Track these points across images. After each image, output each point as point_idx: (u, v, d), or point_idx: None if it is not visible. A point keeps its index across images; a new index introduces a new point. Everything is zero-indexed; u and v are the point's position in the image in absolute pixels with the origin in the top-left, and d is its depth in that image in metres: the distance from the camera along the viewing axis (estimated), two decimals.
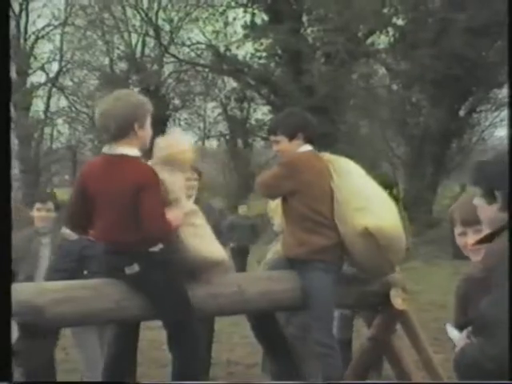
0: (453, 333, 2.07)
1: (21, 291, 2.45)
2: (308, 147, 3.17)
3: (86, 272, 3.76)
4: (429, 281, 6.82)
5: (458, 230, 2.32)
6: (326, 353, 2.95)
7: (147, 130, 2.84)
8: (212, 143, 23.12)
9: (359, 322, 5.05)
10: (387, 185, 4.95)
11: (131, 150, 2.78)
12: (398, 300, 3.05)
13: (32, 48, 20.94)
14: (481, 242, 2.09)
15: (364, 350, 3.26)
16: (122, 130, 2.76)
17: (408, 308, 3.04)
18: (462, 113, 16.97)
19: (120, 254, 2.72)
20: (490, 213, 1.98)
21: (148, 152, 2.90)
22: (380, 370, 4.88)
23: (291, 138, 3.15)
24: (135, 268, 2.68)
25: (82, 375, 3.94)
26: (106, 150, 2.85)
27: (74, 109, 22.14)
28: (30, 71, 21.17)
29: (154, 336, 4.64)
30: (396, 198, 5.05)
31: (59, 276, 3.43)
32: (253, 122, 20.02)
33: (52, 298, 2.56)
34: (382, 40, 17.11)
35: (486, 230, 2.04)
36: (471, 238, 2.29)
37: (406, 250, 4.60)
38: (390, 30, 16.55)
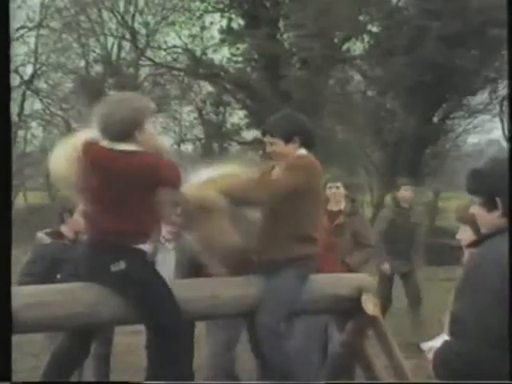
0: (427, 345, 2.11)
1: None
2: (304, 151, 3.18)
3: (58, 276, 3.74)
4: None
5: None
6: (266, 335, 2.95)
7: (146, 135, 2.83)
8: (188, 147, 23.07)
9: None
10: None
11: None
12: (369, 305, 3.08)
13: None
14: (470, 245, 2.14)
15: (336, 355, 3.29)
16: (123, 134, 2.75)
17: (379, 313, 3.07)
18: (435, 119, 17.18)
19: (105, 252, 2.69)
20: (490, 220, 2.00)
21: None
22: (352, 376, 4.92)
23: (287, 140, 3.15)
24: (121, 265, 2.65)
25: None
26: (104, 144, 2.79)
27: (48, 111, 21.92)
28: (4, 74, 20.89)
29: (129, 341, 4.61)
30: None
31: (31, 280, 3.41)
32: (229, 126, 20.02)
33: (24, 303, 2.55)
34: (357, 46, 17.26)
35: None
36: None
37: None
38: (366, 37, 16.70)
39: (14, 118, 21.69)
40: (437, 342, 2.07)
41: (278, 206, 3.04)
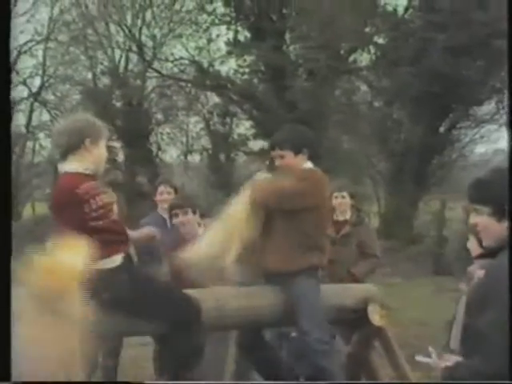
0: (426, 360, 2.09)
1: None
2: (310, 164, 3.22)
3: None
4: (408, 297, 6.83)
5: None
6: (326, 350, 2.95)
7: (101, 150, 2.84)
8: (195, 157, 23.12)
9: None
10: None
11: (79, 165, 2.77)
12: (375, 316, 3.07)
13: (14, 63, 20.89)
14: (483, 256, 2.08)
15: (342, 366, 3.26)
16: (72, 145, 2.76)
17: (386, 324, 3.05)
18: (442, 129, 17.16)
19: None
20: (499, 230, 1.97)
21: None
22: None
23: (297, 153, 3.18)
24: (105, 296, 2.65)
25: None
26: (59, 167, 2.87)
27: (56, 123, 22.06)
28: (12, 85, 21.11)
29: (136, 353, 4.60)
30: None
31: None
32: (235, 136, 20.06)
33: None
34: (363, 58, 17.29)
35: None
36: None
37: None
38: (372, 48, 16.74)
39: (22, 129, 21.86)
40: (434, 358, 2.04)
41: (282, 219, 3.03)
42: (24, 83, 21.23)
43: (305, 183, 3.08)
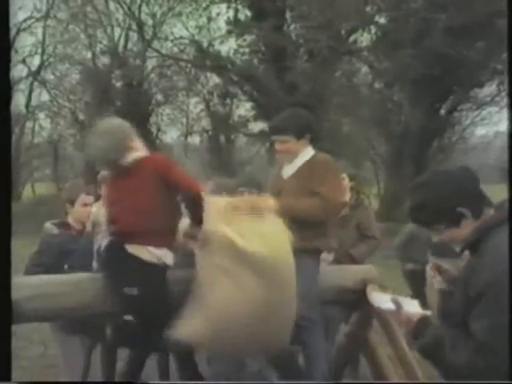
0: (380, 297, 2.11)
1: None
2: (312, 149, 3.20)
3: (66, 266, 3.75)
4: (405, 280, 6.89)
5: None
6: (310, 327, 2.97)
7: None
8: (195, 139, 23.08)
9: None
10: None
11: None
12: (374, 296, 3.07)
13: (13, 41, 20.74)
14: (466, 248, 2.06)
15: (341, 345, 3.28)
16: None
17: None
18: (442, 112, 17.11)
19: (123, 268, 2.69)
20: (464, 232, 1.93)
21: None
22: (356, 366, 4.93)
23: (299, 138, 3.15)
24: (134, 291, 2.66)
25: (61, 370, 3.94)
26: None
27: (55, 103, 21.96)
28: (11, 64, 20.96)
29: None
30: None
31: (38, 270, 3.41)
32: (236, 118, 20.00)
33: (29, 293, 2.56)
34: (364, 38, 17.18)
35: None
36: None
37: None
38: (373, 28, 16.62)
39: (22, 109, 21.77)
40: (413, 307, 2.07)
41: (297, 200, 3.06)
42: (23, 62, 21.11)
43: (331, 172, 3.08)
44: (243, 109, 19.72)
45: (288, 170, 3.23)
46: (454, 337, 1.92)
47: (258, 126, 18.52)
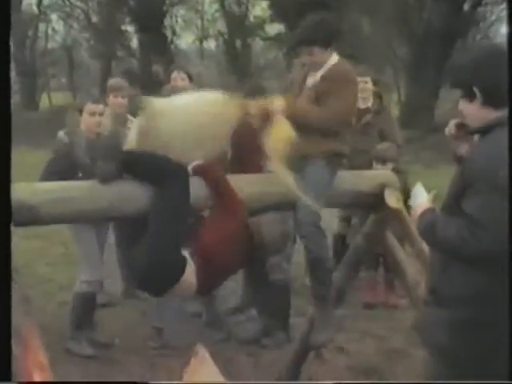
0: (422, 194, 2.15)
1: (17, 191, 2.47)
2: (336, 57, 3.09)
3: (80, 174, 3.77)
4: (427, 183, 6.85)
5: None
6: (314, 232, 2.99)
7: None
8: (210, 44, 22.58)
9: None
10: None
11: None
12: (392, 199, 3.08)
13: None
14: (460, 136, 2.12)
15: (357, 245, 3.33)
16: None
17: (402, 207, 3.06)
18: (466, 7, 16.33)
19: None
20: (472, 110, 2.01)
21: None
22: (376, 267, 5.00)
23: (325, 48, 3.03)
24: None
25: (80, 264, 4.09)
26: None
27: (67, 2, 21.45)
28: None
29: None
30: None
31: (53, 178, 3.44)
32: (251, 19, 19.42)
33: (46, 198, 2.59)
34: None
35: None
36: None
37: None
38: None
39: (34, 8, 21.28)
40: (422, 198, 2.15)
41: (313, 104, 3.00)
42: None
43: (345, 90, 2.96)
44: (259, 8, 19.09)
45: (310, 81, 3.14)
46: (447, 216, 2.03)
47: (274, 29, 18.01)
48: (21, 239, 5.57)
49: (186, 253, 2.68)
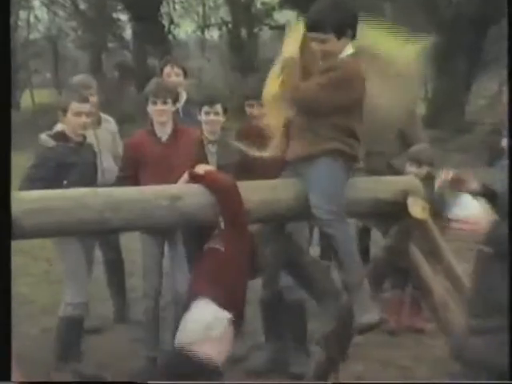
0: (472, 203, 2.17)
1: None
2: (351, 48, 3.06)
3: (65, 182, 3.80)
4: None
5: None
6: (333, 219, 3.02)
7: None
8: (213, 34, 22.61)
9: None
10: None
11: None
12: (416, 209, 3.09)
13: None
14: None
15: (379, 258, 3.34)
16: None
17: (427, 217, 3.07)
18: None
19: None
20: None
21: None
22: (403, 286, 4.98)
23: (340, 36, 3.00)
24: None
25: (65, 286, 4.12)
26: None
27: None
28: None
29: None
30: None
31: (35, 186, 3.47)
32: (258, 5, 19.44)
33: (28, 208, 2.61)
34: None
35: None
36: None
37: None
38: None
39: None
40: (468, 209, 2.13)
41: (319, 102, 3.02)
42: None
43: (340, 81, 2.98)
44: None
45: (319, 68, 3.11)
46: None
47: (284, 16, 18.03)
48: None
49: None
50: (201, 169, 3.08)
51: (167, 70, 4.88)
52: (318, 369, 3.48)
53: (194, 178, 2.99)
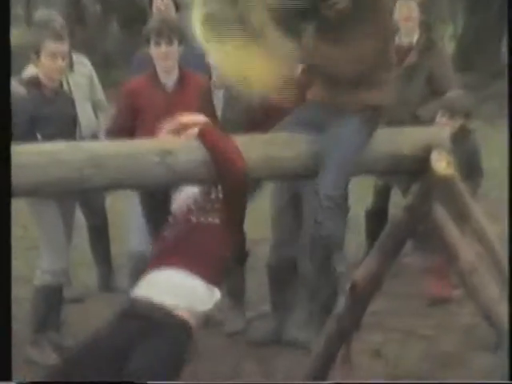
0: None
1: None
2: None
3: (39, 136, 3.79)
4: (490, 144, 6.77)
5: None
6: (329, 206, 3.06)
7: None
8: None
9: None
10: None
11: None
12: (441, 164, 3.07)
13: None
14: None
15: (399, 220, 3.33)
16: None
17: (453, 174, 3.06)
18: None
19: None
20: None
21: None
22: (426, 246, 4.99)
23: None
24: None
25: (41, 252, 4.14)
26: None
27: None
28: None
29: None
30: None
31: None
32: None
33: None
34: None
35: None
36: None
37: None
38: None
39: None
40: None
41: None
42: None
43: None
44: None
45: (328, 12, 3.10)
46: None
47: None
48: None
49: None
50: (192, 120, 3.00)
51: (157, 1, 4.82)
52: (328, 340, 3.49)
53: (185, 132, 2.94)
